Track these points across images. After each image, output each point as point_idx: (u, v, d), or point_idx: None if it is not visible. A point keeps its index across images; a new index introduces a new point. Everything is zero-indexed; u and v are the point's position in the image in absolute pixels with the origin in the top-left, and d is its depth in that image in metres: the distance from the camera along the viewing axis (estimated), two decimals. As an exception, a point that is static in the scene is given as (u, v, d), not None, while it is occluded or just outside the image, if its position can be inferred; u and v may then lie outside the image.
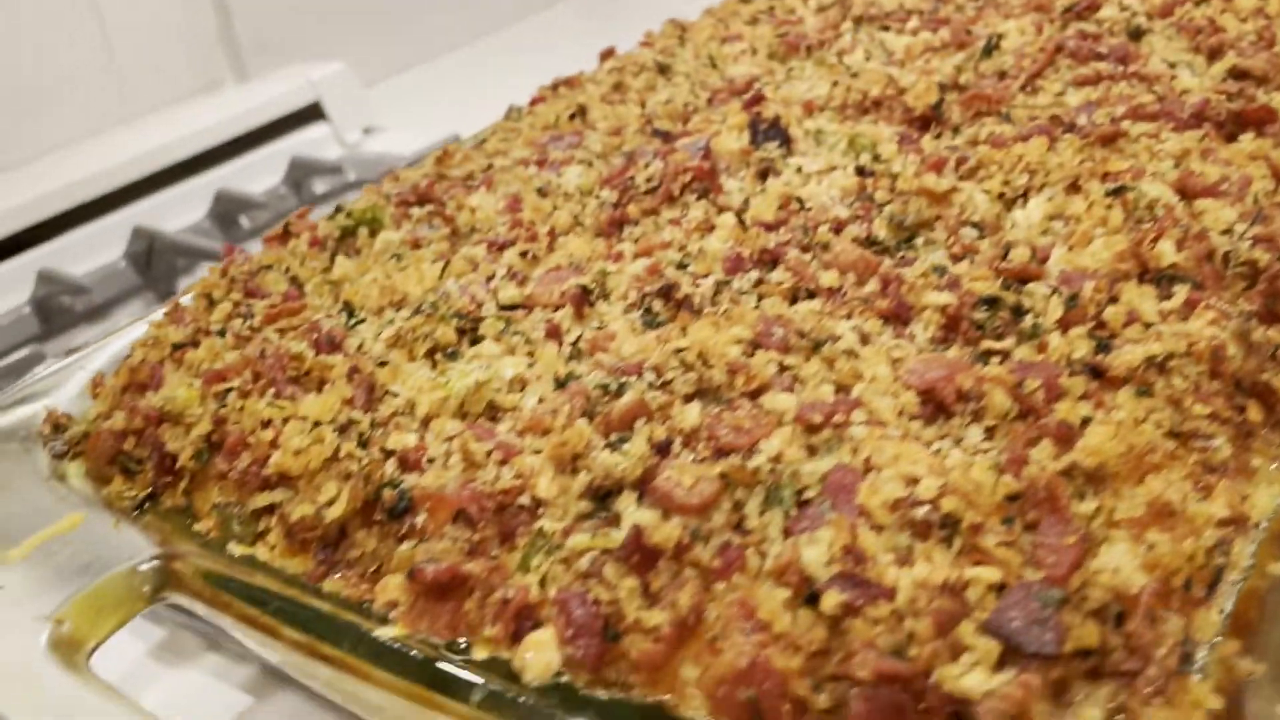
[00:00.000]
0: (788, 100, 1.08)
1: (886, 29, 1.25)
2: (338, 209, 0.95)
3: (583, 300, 0.78)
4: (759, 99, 1.03)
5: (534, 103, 1.24)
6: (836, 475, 0.59)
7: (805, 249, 0.80)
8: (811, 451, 0.61)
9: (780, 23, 1.31)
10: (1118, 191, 0.80)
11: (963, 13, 1.25)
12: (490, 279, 0.83)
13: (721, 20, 1.37)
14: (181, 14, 2.17)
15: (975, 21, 1.20)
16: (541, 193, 0.96)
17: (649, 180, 0.92)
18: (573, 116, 1.10)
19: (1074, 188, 0.82)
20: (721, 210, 0.89)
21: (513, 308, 0.80)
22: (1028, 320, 0.69)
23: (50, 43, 1.94)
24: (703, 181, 0.92)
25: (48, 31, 1.93)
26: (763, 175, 0.95)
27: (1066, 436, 0.60)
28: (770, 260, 0.80)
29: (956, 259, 0.78)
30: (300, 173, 1.93)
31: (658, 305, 0.76)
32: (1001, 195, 0.84)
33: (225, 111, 2.02)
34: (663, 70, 1.20)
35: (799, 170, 0.94)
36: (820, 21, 1.29)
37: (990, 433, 0.62)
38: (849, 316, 0.72)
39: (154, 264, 1.70)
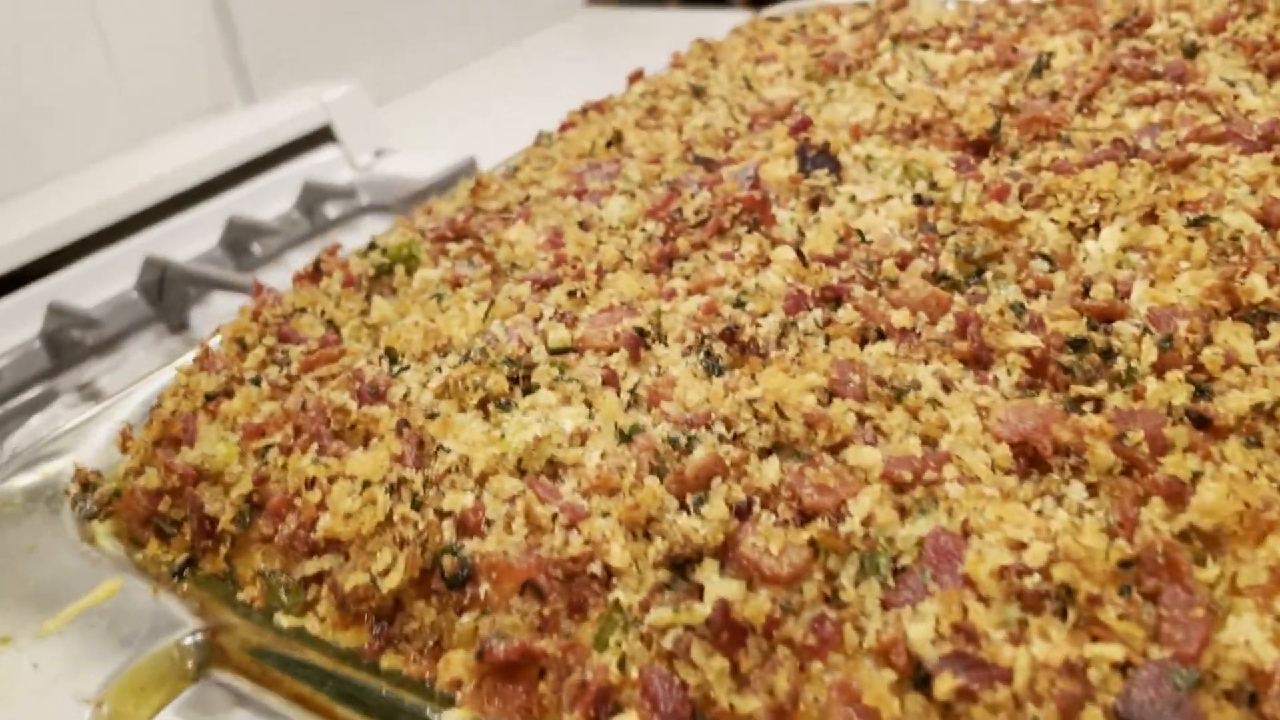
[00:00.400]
0: (832, 124, 1.04)
1: (926, 47, 1.21)
2: (371, 245, 0.91)
3: (638, 343, 0.74)
4: (805, 124, 0.99)
5: (564, 128, 1.20)
6: (935, 540, 0.55)
7: (870, 285, 0.76)
8: (903, 512, 0.57)
9: (814, 42, 1.27)
10: (1199, 222, 0.76)
11: (1005, 30, 1.21)
12: (537, 320, 0.79)
13: (752, 40, 1.33)
14: (187, 34, 2.14)
15: (1019, 39, 1.17)
16: (583, 226, 0.92)
17: (697, 213, 0.88)
18: (609, 144, 1.07)
19: (1149, 217, 0.79)
20: (776, 243, 0.85)
21: (564, 351, 0.76)
22: (1119, 363, 0.65)
23: (53, 66, 1.91)
24: (753, 212, 0.88)
25: (50, 54, 1.89)
26: (814, 205, 0.91)
27: (1177, 494, 0.56)
28: (834, 297, 0.76)
29: (1031, 294, 0.74)
30: (313, 197, 1.89)
31: (719, 348, 0.72)
32: (1071, 225, 0.80)
33: (234, 135, 1.98)
34: (697, 93, 1.17)
35: (853, 199, 0.90)
36: (856, 40, 1.25)
37: (1093, 490, 0.58)
38: (926, 360, 0.68)
39: (166, 294, 1.66)
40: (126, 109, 2.06)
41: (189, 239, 1.82)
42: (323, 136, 2.11)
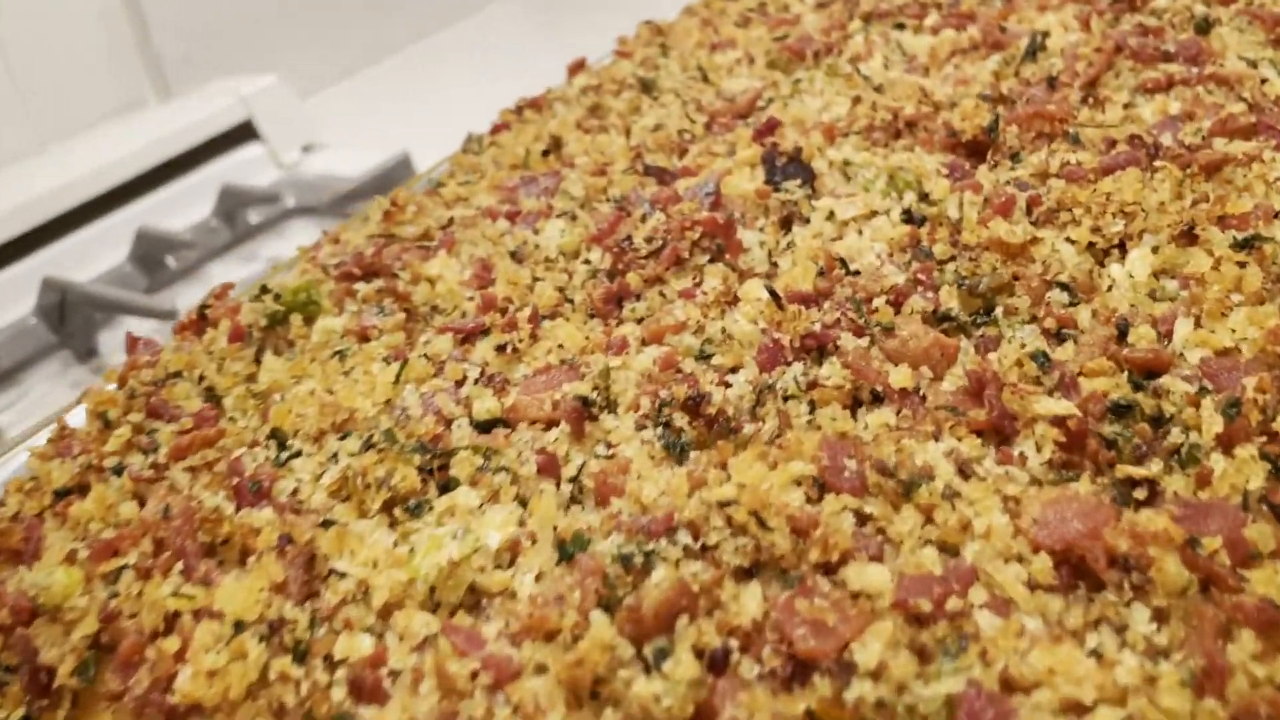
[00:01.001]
0: (802, 121, 0.91)
1: (902, 26, 1.08)
2: (263, 289, 0.77)
3: (582, 415, 0.60)
4: (772, 126, 0.86)
5: (496, 130, 1.05)
6: (969, 704, 0.42)
7: (859, 331, 0.63)
8: (924, 656, 0.44)
9: (775, 22, 1.13)
10: (1247, 243, 0.63)
11: (989, 6, 1.08)
12: (460, 384, 0.65)
13: (706, 22, 1.19)
14: (92, 29, 1.96)
15: (1006, 16, 1.03)
16: (516, 257, 0.78)
17: (649, 239, 0.74)
18: (546, 153, 0.92)
19: (1185, 235, 0.66)
20: (744, 276, 0.72)
21: (492, 425, 0.62)
22: (1175, 434, 0.53)
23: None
24: (716, 238, 0.74)
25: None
26: (787, 224, 0.78)
27: (1272, 623, 0.44)
28: (817, 347, 0.63)
29: (1051, 336, 0.62)
30: (232, 202, 1.73)
31: (681, 420, 0.59)
32: (1092, 245, 0.68)
33: (146, 136, 1.81)
34: (646, 88, 1.02)
35: (831, 216, 0.76)
36: (823, 20, 1.11)
37: (1162, 616, 0.45)
38: (936, 435, 0.55)
39: (68, 320, 1.50)
40: (25, 114, 1.88)
41: (96, 254, 1.66)
42: (244, 134, 1.94)
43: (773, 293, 0.66)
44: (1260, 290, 0.60)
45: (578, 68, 1.15)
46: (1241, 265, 0.62)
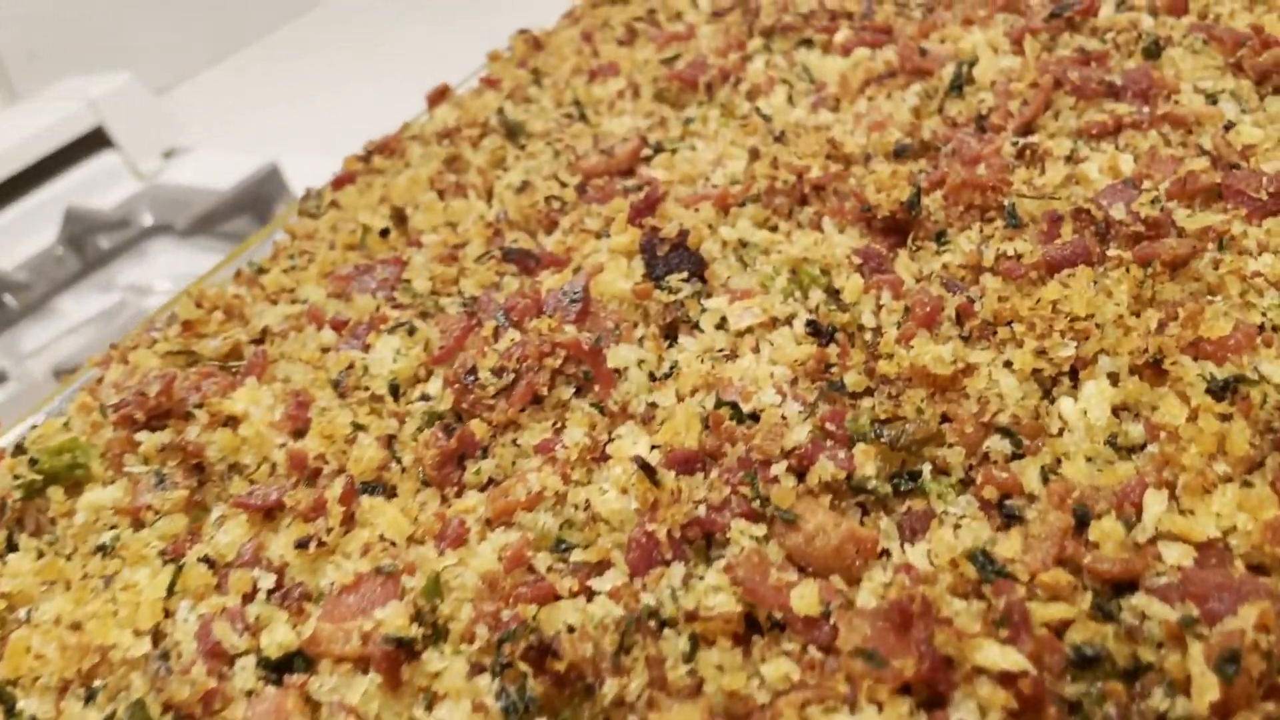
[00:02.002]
0: (691, 180, 0.76)
1: (809, 44, 0.93)
2: (19, 447, 0.61)
3: (398, 659, 0.46)
4: (652, 203, 0.71)
5: (339, 183, 0.89)
6: None
7: (755, 516, 0.50)
8: None
9: (665, 39, 0.98)
10: (1227, 387, 0.51)
11: (907, 16, 0.94)
12: (249, 598, 0.51)
13: (588, 36, 1.03)
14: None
15: (927, 33, 0.89)
16: (339, 389, 0.63)
17: (499, 372, 0.60)
18: (385, 232, 0.77)
19: (1152, 367, 0.53)
20: (616, 419, 0.58)
21: (287, 662, 0.48)
22: (1157, 697, 0.41)
23: None
24: (583, 364, 0.60)
25: None
26: (671, 333, 0.64)
27: None
28: (702, 536, 0.50)
29: (992, 508, 0.49)
30: (79, 227, 1.54)
31: (524, 668, 0.45)
32: (1037, 372, 0.55)
33: (-20, 151, 1.61)
34: (513, 133, 0.87)
35: (722, 324, 0.63)
36: (719, 38, 0.96)
37: None
38: (851, 700, 0.42)
39: None
40: None
41: (-79, 296, 1.46)
42: (95, 142, 1.75)
43: (646, 467, 0.52)
44: (1248, 454, 0.48)
45: (439, 97, 0.99)
46: (1224, 419, 0.49)
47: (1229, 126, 0.70)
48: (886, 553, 0.49)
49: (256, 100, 1.88)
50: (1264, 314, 0.55)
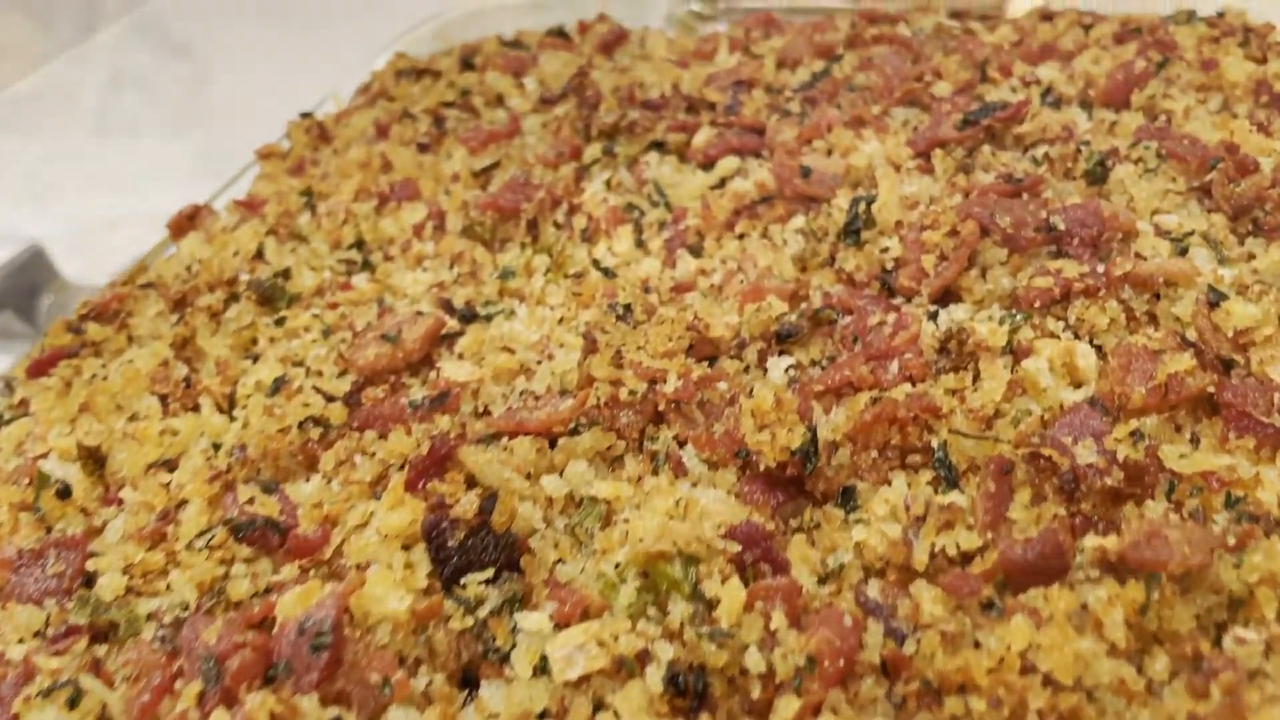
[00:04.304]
0: (506, 376, 0.56)
1: (661, 147, 0.73)
2: None
3: None
4: (440, 457, 0.50)
5: (38, 369, 0.65)
6: None
7: None
8: None
9: (483, 140, 0.76)
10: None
11: (782, 109, 0.74)
12: None
13: (383, 132, 0.81)
14: None
15: (809, 138, 0.70)
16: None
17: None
18: (65, 493, 0.54)
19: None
20: None
21: None
22: None
23: None
24: (323, 775, 0.39)
25: None
26: (469, 682, 0.43)
27: None
28: None
29: None
30: None
31: None
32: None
33: None
34: (266, 298, 0.64)
35: (543, 667, 0.42)
36: (548, 141, 0.75)
37: None
38: None
39: None
40: None
41: None
42: None
43: None
44: None
45: (184, 224, 0.75)
46: None
47: (1214, 303, 0.53)
48: None
49: (19, 162, 1.58)
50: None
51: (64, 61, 1.84)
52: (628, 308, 0.58)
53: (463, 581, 0.46)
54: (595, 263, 0.63)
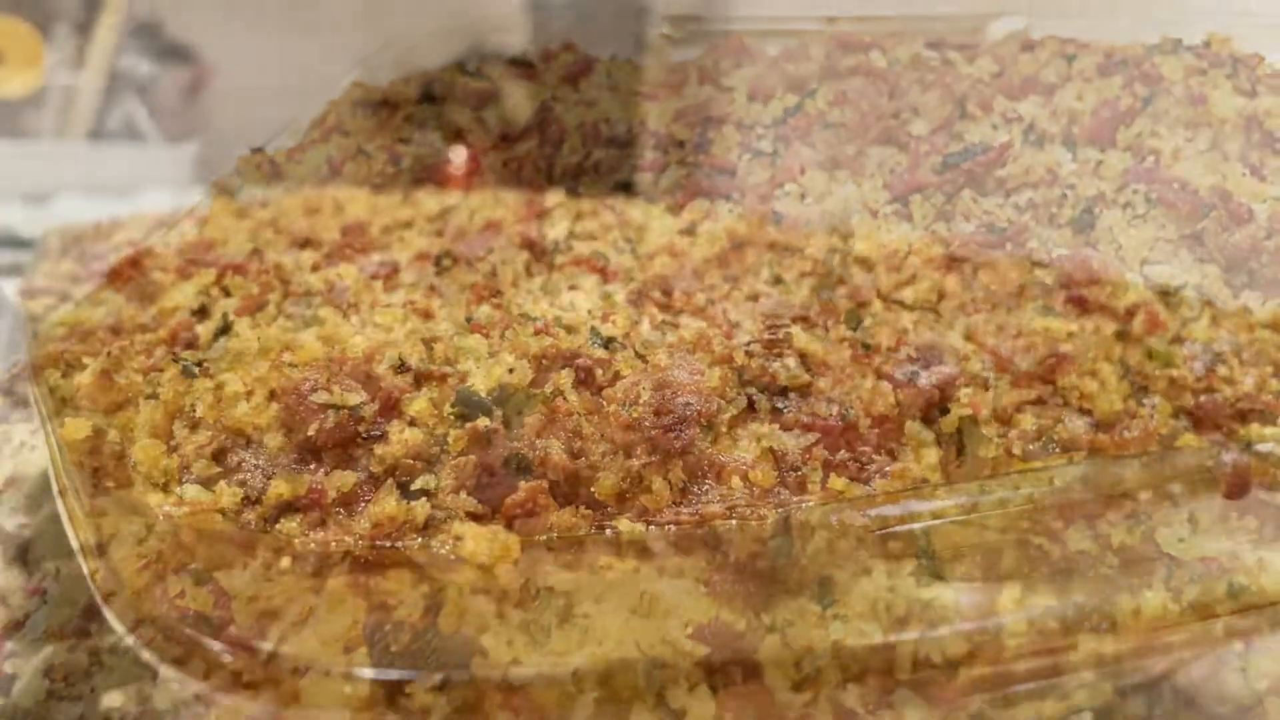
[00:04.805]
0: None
1: (629, 189, 0.69)
2: None
3: None
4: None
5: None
6: None
7: None
8: None
9: (439, 180, 0.72)
10: None
11: (752, 148, 0.70)
12: None
13: (334, 170, 0.77)
14: None
15: (780, 182, 0.66)
16: None
17: None
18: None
19: None
20: None
21: None
22: None
23: None
24: None
25: None
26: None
27: None
28: None
29: None
30: None
31: None
32: None
33: None
34: (202, 362, 0.60)
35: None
36: (509, 184, 0.71)
37: None
38: None
39: None
40: None
41: None
42: None
43: None
44: None
45: (125, 272, 0.71)
46: None
47: (1211, 366, 0.50)
48: None
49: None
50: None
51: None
52: (589, 372, 0.55)
53: (407, 690, 0.42)
54: (557, 319, 0.59)
